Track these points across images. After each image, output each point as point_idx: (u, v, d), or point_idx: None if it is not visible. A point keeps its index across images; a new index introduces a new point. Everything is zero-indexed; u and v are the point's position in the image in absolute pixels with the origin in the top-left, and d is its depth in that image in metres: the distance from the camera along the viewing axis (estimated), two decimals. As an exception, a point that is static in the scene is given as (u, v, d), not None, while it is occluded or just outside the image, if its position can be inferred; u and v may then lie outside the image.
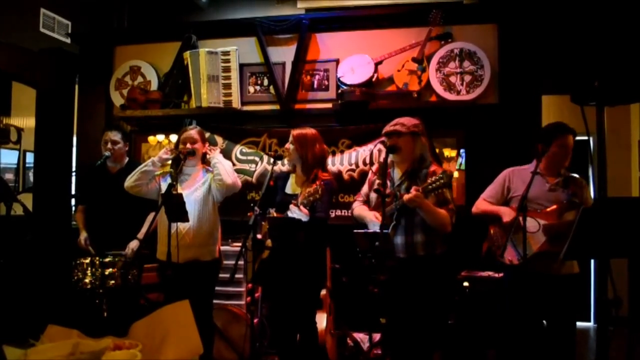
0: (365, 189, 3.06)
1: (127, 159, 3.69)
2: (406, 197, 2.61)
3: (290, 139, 3.13)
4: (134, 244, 3.30)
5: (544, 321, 2.83)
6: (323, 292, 3.34)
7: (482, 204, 3.02)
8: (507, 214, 2.80)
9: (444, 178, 2.58)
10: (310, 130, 3.15)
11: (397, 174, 2.86)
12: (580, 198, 2.77)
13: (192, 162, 3.20)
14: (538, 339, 2.80)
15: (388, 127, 2.81)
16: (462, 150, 4.00)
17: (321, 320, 3.25)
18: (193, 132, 3.24)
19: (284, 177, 3.26)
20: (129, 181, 3.17)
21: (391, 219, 2.74)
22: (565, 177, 2.84)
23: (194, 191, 3.15)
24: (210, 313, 3.26)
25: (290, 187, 3.17)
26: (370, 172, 3.10)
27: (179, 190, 3.04)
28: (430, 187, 2.61)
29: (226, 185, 3.11)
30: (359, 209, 2.99)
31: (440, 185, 2.59)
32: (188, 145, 3.16)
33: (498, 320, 3.14)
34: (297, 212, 2.87)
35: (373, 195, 2.92)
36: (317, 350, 3.15)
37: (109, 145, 3.53)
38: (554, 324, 2.79)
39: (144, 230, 3.33)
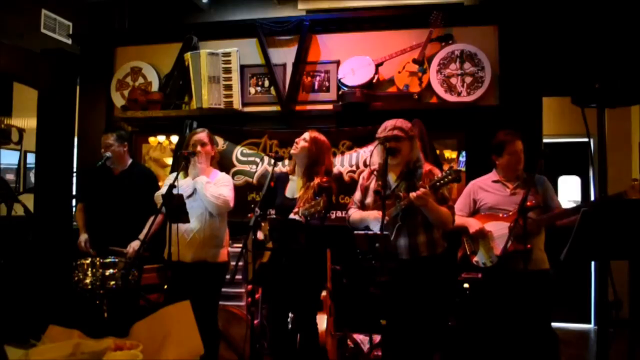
0: (358, 195, 3.02)
1: (130, 161, 3.69)
2: (413, 194, 2.59)
3: (306, 136, 3.12)
4: (135, 244, 3.31)
5: (519, 318, 2.89)
6: (323, 293, 3.35)
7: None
8: (472, 225, 3.04)
9: (452, 174, 2.57)
10: (326, 139, 3.16)
11: (391, 176, 2.85)
12: (541, 195, 3.00)
13: (202, 165, 3.20)
14: (516, 336, 2.89)
15: (386, 132, 2.78)
16: (463, 153, 4.01)
17: (322, 321, 3.25)
18: (203, 134, 3.26)
19: (282, 178, 3.25)
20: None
21: (394, 221, 2.73)
22: (524, 179, 3.05)
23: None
24: (215, 316, 3.24)
25: (290, 190, 3.17)
26: (362, 178, 3.06)
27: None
28: (438, 183, 2.60)
29: (216, 212, 3.12)
30: (356, 213, 2.97)
31: (449, 181, 2.58)
32: (198, 148, 3.17)
33: (485, 320, 3.18)
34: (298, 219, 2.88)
35: (369, 200, 2.90)
36: (318, 351, 3.15)
37: (103, 150, 3.55)
38: (529, 319, 2.87)
39: (145, 231, 3.33)
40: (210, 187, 3.10)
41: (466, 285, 3.42)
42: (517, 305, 2.84)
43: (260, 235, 3.07)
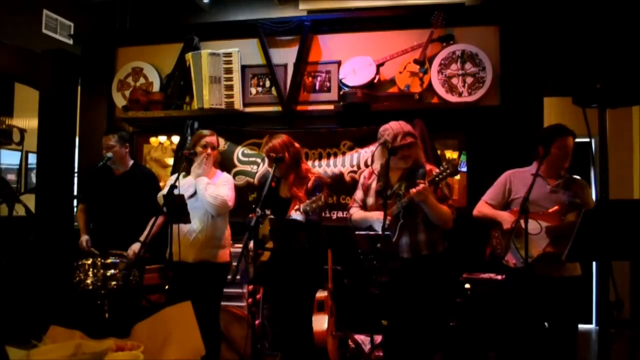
0: (359, 194, 3.02)
1: (131, 162, 3.69)
2: (413, 190, 2.60)
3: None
4: (135, 247, 3.31)
5: (546, 323, 2.82)
6: (325, 293, 3.34)
7: (483, 207, 3.02)
8: (507, 220, 2.80)
9: (449, 168, 2.59)
10: (277, 140, 3.16)
11: (393, 177, 2.86)
12: (582, 199, 2.78)
13: (208, 167, 3.20)
14: (539, 341, 2.79)
15: (400, 141, 2.70)
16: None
17: (323, 321, 3.25)
18: (214, 138, 3.28)
19: (277, 179, 3.27)
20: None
21: (396, 219, 2.74)
22: (566, 179, 2.84)
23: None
24: (217, 317, 3.24)
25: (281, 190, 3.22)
26: (362, 177, 3.06)
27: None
28: (437, 178, 2.62)
29: (215, 213, 3.12)
30: (358, 212, 2.97)
31: (447, 175, 2.61)
32: (209, 150, 3.17)
33: (500, 322, 3.13)
34: (298, 216, 2.89)
35: (370, 200, 2.91)
36: (313, 349, 3.15)
37: (104, 151, 3.55)
38: (556, 326, 2.78)
39: (145, 233, 3.33)
40: (210, 188, 3.10)
41: (467, 285, 3.42)
42: (549, 311, 2.73)
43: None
